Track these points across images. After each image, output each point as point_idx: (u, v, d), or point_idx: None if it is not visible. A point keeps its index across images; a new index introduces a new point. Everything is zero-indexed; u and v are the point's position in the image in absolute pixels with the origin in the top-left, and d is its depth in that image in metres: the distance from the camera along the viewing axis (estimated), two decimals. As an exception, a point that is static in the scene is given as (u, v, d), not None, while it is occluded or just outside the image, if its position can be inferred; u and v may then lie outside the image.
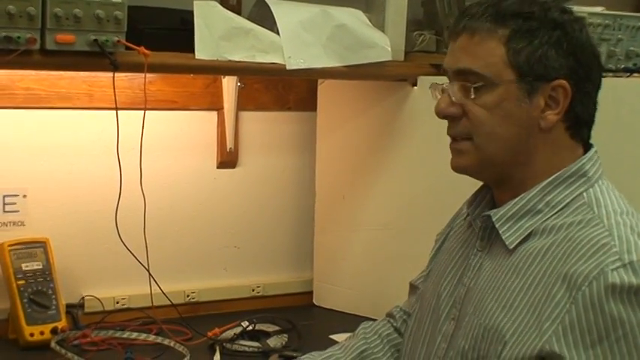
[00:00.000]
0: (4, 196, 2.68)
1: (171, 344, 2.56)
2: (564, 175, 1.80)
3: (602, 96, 1.81)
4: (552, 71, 1.77)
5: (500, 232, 1.81)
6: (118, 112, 2.47)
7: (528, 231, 1.79)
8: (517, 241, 1.79)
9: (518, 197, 1.81)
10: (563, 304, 1.65)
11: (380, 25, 2.79)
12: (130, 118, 2.54)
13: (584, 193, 1.79)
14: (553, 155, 1.82)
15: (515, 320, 1.71)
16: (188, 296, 2.96)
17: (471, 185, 2.65)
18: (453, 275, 1.93)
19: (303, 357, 2.16)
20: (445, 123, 2.71)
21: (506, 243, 1.80)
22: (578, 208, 1.77)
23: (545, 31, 1.77)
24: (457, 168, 1.90)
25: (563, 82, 1.77)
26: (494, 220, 1.82)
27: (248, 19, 2.63)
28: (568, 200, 1.79)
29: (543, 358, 1.65)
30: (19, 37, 2.19)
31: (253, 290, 3.09)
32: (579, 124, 1.82)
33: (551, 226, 1.77)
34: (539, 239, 1.77)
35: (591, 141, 1.85)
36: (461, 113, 1.82)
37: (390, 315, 2.23)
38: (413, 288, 2.20)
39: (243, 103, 3.00)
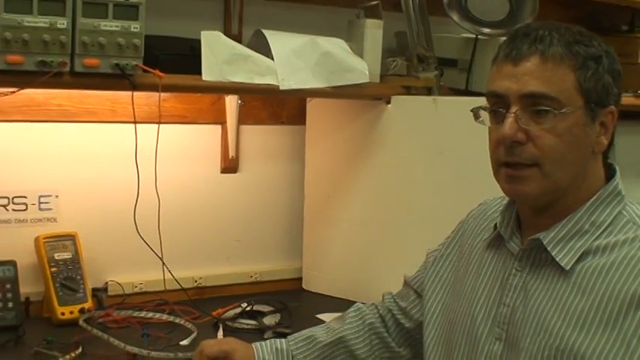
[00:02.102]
0: (40, 197, 2.67)
1: (182, 322, 2.55)
2: (603, 195, 1.68)
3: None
4: (609, 97, 1.66)
5: (553, 253, 1.66)
6: (137, 125, 2.47)
7: (581, 251, 1.65)
8: (572, 262, 1.65)
9: (566, 219, 1.68)
10: None
11: (359, 52, 2.78)
12: (147, 130, 2.53)
13: (623, 211, 1.68)
14: (594, 177, 1.70)
15: (593, 339, 1.58)
16: (196, 281, 2.94)
17: (437, 190, 2.65)
18: (487, 296, 1.78)
19: (292, 335, 2.14)
20: (416, 136, 2.73)
21: (562, 264, 1.65)
22: (624, 226, 1.66)
23: (604, 59, 1.65)
24: (519, 195, 1.71)
25: (613, 108, 1.67)
26: (545, 242, 1.67)
27: (247, 46, 2.63)
28: (610, 219, 1.67)
29: None
30: (52, 61, 2.19)
31: (251, 277, 3.08)
32: (610, 146, 1.71)
33: (604, 244, 1.65)
34: (593, 258, 1.64)
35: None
36: (526, 139, 1.63)
37: (382, 298, 2.15)
38: (407, 284, 2.09)
39: (243, 118, 2.99)
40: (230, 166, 3.01)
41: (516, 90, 1.63)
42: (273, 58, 2.60)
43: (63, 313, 2.53)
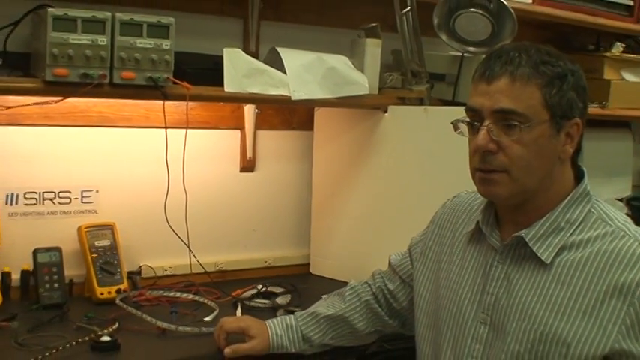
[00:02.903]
0: (82, 191, 2.66)
1: (205, 301, 2.54)
2: (575, 196, 1.69)
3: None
4: (573, 111, 1.65)
5: (534, 249, 1.67)
6: (167, 130, 2.46)
7: (559, 246, 1.66)
8: (552, 256, 1.65)
9: (544, 218, 1.68)
10: (619, 307, 1.56)
11: (360, 67, 2.77)
12: (176, 134, 2.53)
13: (592, 209, 1.68)
14: (562, 180, 1.70)
15: (573, 325, 1.59)
16: (218, 266, 2.93)
17: (427, 187, 2.65)
18: (472, 284, 1.78)
19: (298, 312, 2.16)
20: (410, 141, 2.73)
21: (542, 258, 1.66)
22: (594, 223, 1.67)
23: (569, 77, 1.64)
24: (491, 196, 1.72)
25: (578, 120, 1.66)
26: (527, 239, 1.68)
27: (263, 62, 2.62)
28: (582, 217, 1.67)
29: (613, 354, 1.56)
30: (93, 74, 2.19)
31: (266, 262, 3.07)
32: (578, 153, 1.71)
33: (578, 240, 1.65)
34: (569, 252, 1.65)
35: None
36: (497, 149, 1.64)
37: (372, 276, 2.18)
38: (393, 269, 2.12)
39: (259, 124, 2.98)
40: (248, 166, 3.00)
41: (489, 106, 1.64)
42: (285, 72, 2.59)
43: (102, 293, 2.52)
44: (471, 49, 2.89)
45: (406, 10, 2.80)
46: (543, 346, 1.62)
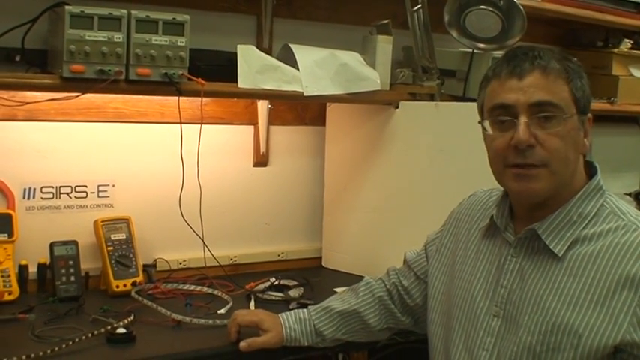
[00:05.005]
0: (98, 186, 2.66)
1: (219, 294, 2.53)
2: (588, 190, 1.68)
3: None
4: (588, 106, 1.65)
5: (547, 242, 1.65)
6: (182, 125, 2.46)
7: (571, 239, 1.64)
8: (564, 249, 1.63)
9: (557, 212, 1.66)
10: (630, 299, 1.54)
11: (372, 64, 2.76)
12: (191, 130, 2.52)
13: (605, 204, 1.67)
14: (578, 175, 1.69)
15: (585, 316, 1.58)
16: (231, 259, 2.92)
17: (438, 182, 2.64)
18: (485, 278, 1.77)
19: (311, 306, 2.15)
20: (420, 136, 2.72)
21: (555, 251, 1.64)
22: (607, 217, 1.65)
23: (584, 75, 1.65)
24: (527, 192, 1.67)
25: (590, 115, 1.66)
26: (539, 232, 1.66)
27: (276, 58, 2.61)
28: (594, 211, 1.66)
29: (625, 345, 1.55)
30: (109, 70, 2.18)
31: (278, 255, 3.06)
32: (590, 147, 1.70)
33: (590, 233, 1.64)
34: (582, 245, 1.63)
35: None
36: (535, 142, 1.62)
37: (387, 273, 2.16)
38: (408, 266, 2.10)
39: (272, 119, 2.97)
40: (261, 160, 2.99)
41: (524, 100, 1.62)
42: (298, 69, 2.58)
43: (117, 286, 2.52)
44: (481, 45, 2.88)
45: (417, 7, 2.78)
46: (555, 337, 1.61)
